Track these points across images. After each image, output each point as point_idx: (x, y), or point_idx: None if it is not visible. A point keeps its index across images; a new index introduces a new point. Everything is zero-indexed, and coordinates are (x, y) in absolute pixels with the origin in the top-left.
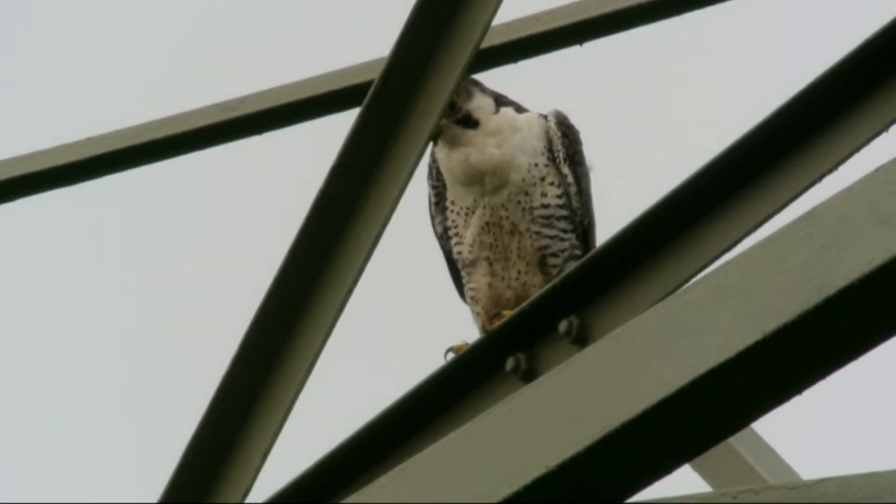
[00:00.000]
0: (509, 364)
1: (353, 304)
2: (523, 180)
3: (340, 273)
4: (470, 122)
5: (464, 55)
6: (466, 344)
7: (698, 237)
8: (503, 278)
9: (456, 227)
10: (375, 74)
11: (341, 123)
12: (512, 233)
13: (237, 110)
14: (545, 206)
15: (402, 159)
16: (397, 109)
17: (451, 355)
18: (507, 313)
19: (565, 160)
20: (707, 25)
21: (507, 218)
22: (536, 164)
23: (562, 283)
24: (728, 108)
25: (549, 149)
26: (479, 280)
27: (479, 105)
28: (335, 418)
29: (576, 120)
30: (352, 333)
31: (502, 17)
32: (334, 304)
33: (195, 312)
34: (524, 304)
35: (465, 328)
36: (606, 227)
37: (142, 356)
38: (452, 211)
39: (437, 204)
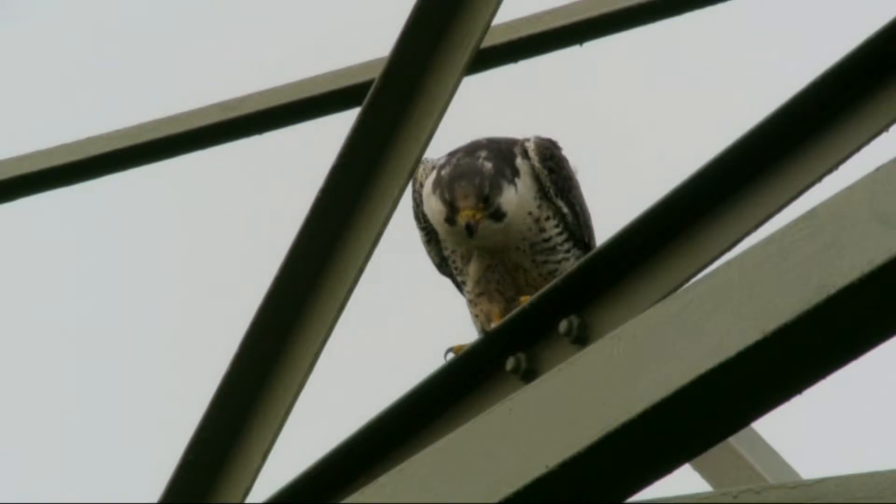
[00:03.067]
0: (509, 364)
1: (354, 304)
2: (522, 235)
3: (340, 273)
4: (499, 215)
5: (464, 55)
6: (466, 343)
7: (698, 237)
8: (514, 300)
9: (455, 262)
10: (375, 74)
11: (341, 123)
12: (516, 269)
13: (237, 110)
14: (546, 241)
15: (402, 159)
16: (397, 109)
17: (451, 356)
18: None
19: (557, 194)
20: (707, 25)
21: (509, 260)
22: (531, 213)
23: (562, 283)
24: (728, 107)
25: (540, 187)
26: (491, 307)
27: (508, 198)
28: (335, 418)
29: (574, 120)
30: (352, 333)
31: (502, 17)
32: (334, 304)
33: (195, 312)
34: (524, 304)
35: (464, 328)
36: (606, 227)
37: (142, 356)
38: (446, 249)
39: (428, 241)
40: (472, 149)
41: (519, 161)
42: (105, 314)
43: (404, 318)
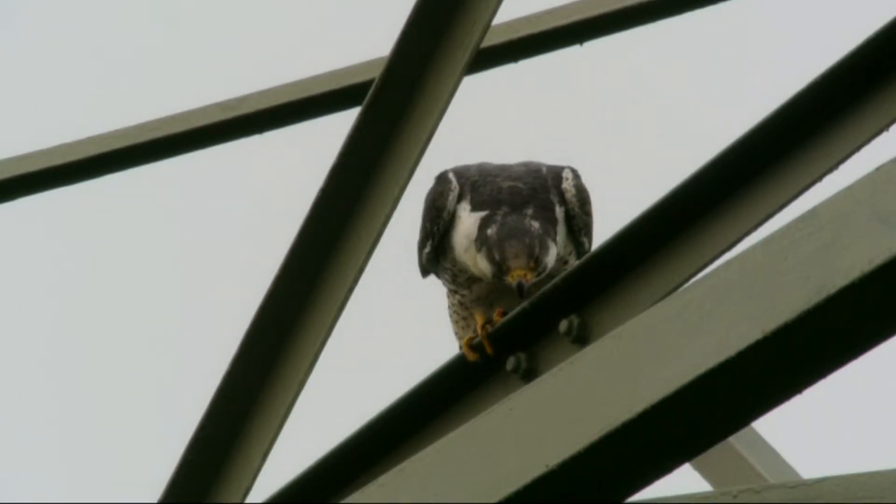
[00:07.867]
0: (509, 363)
1: (353, 304)
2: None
3: (340, 273)
4: (544, 272)
5: (464, 55)
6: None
7: (698, 237)
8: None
9: (458, 278)
10: (375, 74)
11: (341, 123)
12: None
13: (237, 110)
14: (565, 266)
15: (402, 159)
16: (397, 109)
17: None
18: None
19: (584, 234)
20: (707, 25)
21: None
22: (561, 256)
23: (562, 283)
24: (728, 107)
25: (570, 228)
26: (482, 312)
27: (552, 255)
28: (335, 418)
29: (574, 120)
30: (352, 334)
31: (502, 16)
32: (334, 304)
33: (195, 312)
34: (524, 304)
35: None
36: (606, 227)
37: (141, 356)
38: (455, 267)
39: (430, 252)
40: (516, 199)
41: (557, 210)
42: (105, 314)
43: (404, 318)
